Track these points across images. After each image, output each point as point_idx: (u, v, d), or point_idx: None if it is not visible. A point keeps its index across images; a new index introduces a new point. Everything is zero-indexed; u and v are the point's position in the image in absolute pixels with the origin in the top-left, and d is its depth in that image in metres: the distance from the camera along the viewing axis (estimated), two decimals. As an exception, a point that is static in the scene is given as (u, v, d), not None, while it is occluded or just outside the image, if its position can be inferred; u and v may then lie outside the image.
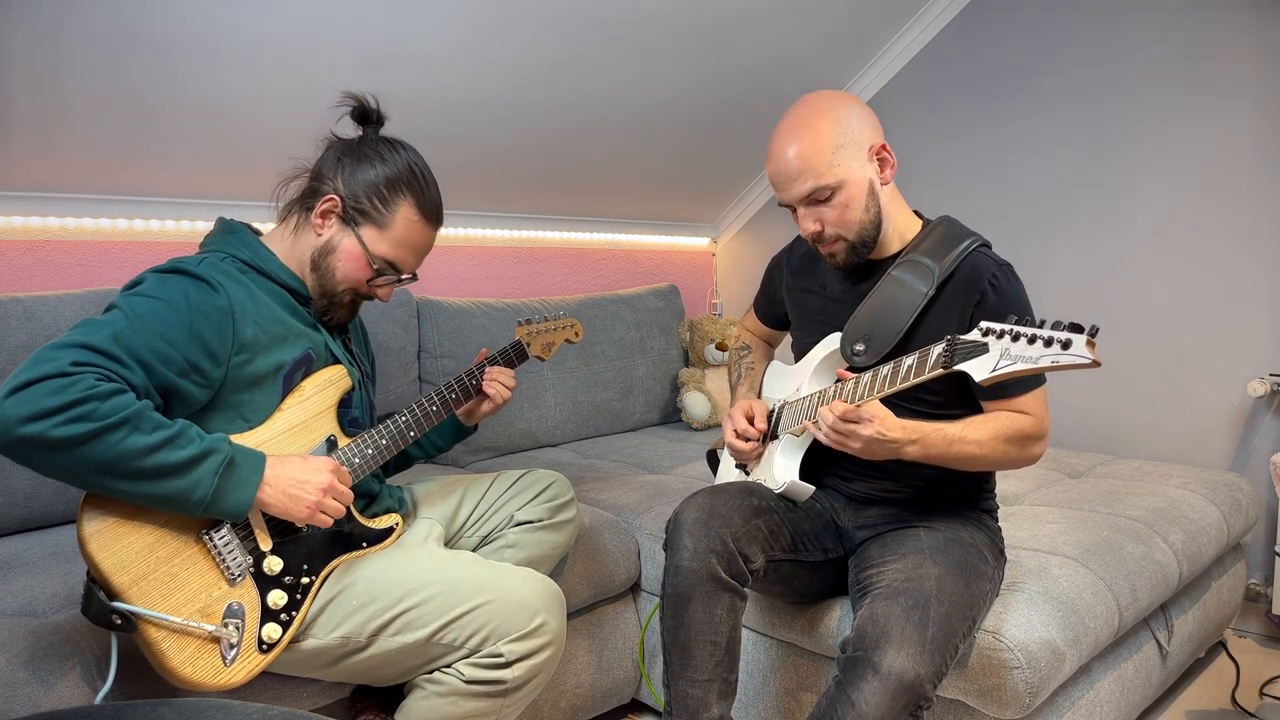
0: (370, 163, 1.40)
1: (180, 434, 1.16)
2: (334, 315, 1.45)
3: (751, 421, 1.61)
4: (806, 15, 2.62)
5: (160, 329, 1.20)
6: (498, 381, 1.63)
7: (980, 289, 1.41)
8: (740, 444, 1.60)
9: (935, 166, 2.94)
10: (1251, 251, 2.35)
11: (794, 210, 1.49)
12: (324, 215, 1.39)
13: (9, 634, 1.26)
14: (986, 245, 1.48)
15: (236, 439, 1.26)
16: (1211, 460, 2.45)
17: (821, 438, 1.41)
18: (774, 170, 1.46)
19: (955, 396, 1.46)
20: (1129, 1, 2.50)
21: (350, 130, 1.47)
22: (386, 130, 1.48)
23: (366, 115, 1.45)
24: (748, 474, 1.65)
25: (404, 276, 1.46)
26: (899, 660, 1.21)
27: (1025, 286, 1.47)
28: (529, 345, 1.75)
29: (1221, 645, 2.28)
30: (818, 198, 1.43)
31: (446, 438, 1.71)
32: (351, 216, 1.39)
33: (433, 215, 1.45)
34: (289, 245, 1.42)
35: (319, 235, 1.40)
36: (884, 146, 1.45)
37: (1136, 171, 2.53)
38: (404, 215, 1.41)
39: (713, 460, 1.86)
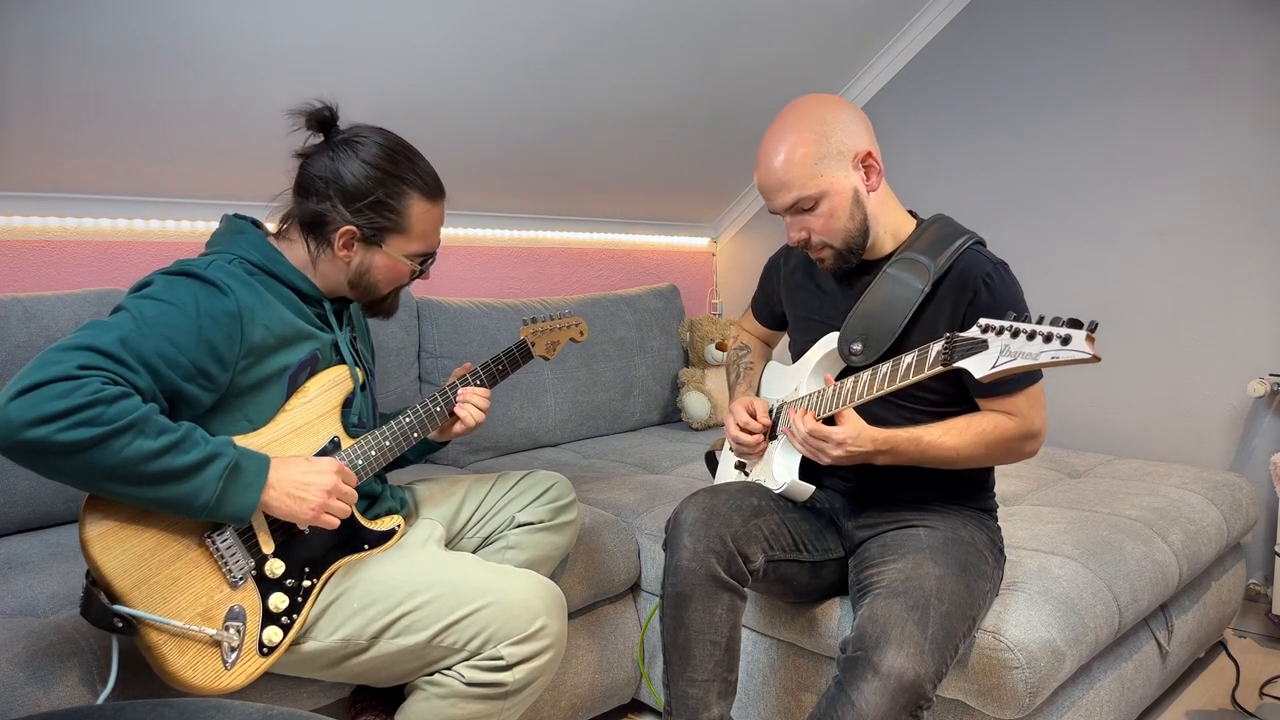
0: (355, 174, 1.35)
1: (185, 438, 1.16)
2: (387, 311, 1.50)
3: (754, 416, 1.61)
4: (805, 16, 2.62)
5: (168, 333, 1.19)
6: (470, 404, 1.58)
7: (974, 288, 1.41)
8: (745, 437, 1.60)
9: (934, 168, 2.94)
10: (1251, 251, 2.35)
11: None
12: (346, 246, 1.38)
13: (9, 634, 1.26)
14: (981, 243, 1.49)
15: (240, 440, 1.25)
16: (1211, 460, 2.45)
17: (798, 445, 1.43)
18: (759, 179, 1.47)
19: (953, 394, 1.46)
20: (1128, 2, 2.50)
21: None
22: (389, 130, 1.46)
23: (324, 121, 1.40)
24: (747, 474, 1.66)
25: (437, 252, 1.49)
26: (899, 660, 1.21)
27: (1023, 286, 1.46)
28: (533, 345, 1.75)
29: (1221, 645, 2.28)
30: (802, 207, 1.44)
31: (416, 450, 1.66)
32: (371, 236, 1.38)
33: (437, 191, 1.44)
34: (313, 270, 1.41)
35: (349, 264, 1.40)
36: (870, 154, 1.44)
37: (1136, 172, 2.53)
38: (416, 211, 1.40)
39: (711, 462, 1.86)
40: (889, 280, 1.47)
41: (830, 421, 1.40)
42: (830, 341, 1.54)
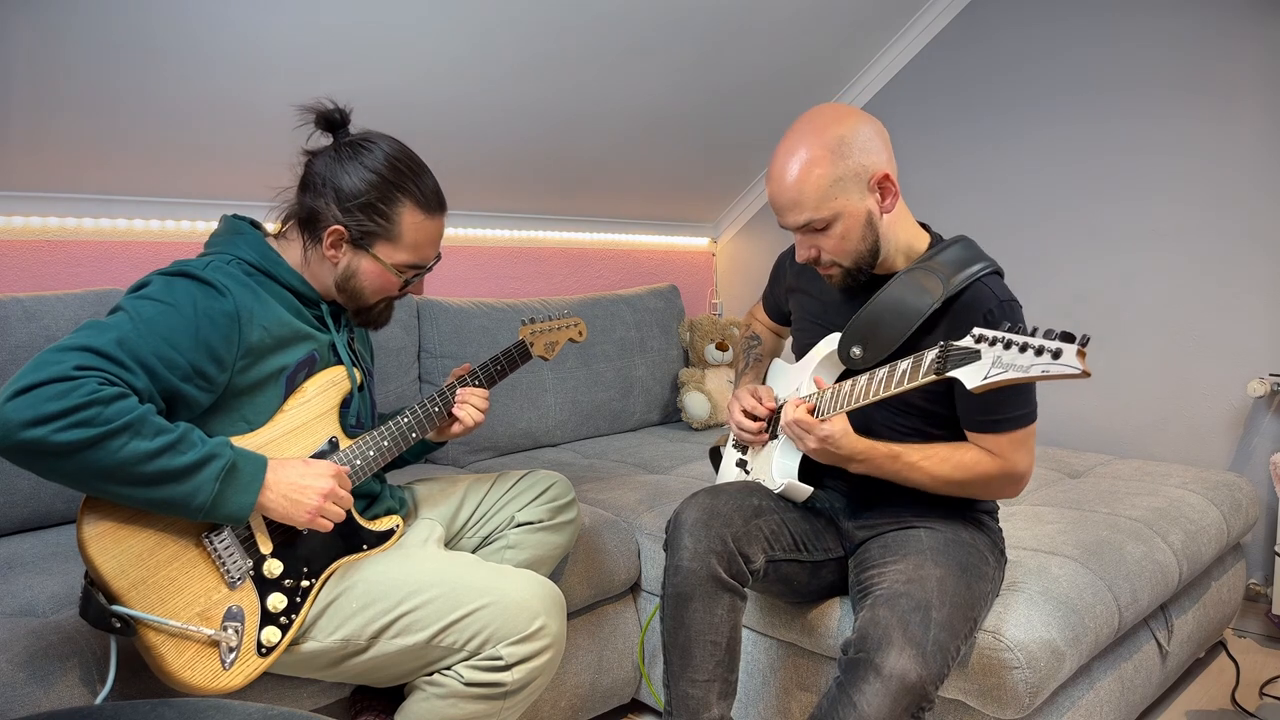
0: (353, 177, 1.35)
1: (182, 439, 1.16)
2: (375, 322, 1.47)
3: (760, 402, 1.60)
4: (805, 16, 2.62)
5: (166, 334, 1.19)
6: (468, 405, 1.58)
7: (975, 322, 1.39)
8: (747, 423, 1.60)
9: (933, 169, 2.93)
10: (1251, 252, 2.35)
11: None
12: (334, 245, 1.37)
13: (9, 634, 1.26)
14: (998, 273, 1.46)
15: (238, 441, 1.25)
16: (1211, 460, 2.45)
17: (784, 428, 1.45)
18: (771, 193, 1.45)
19: (948, 415, 1.46)
20: (1129, 4, 2.50)
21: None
22: (388, 132, 1.46)
23: (332, 121, 1.39)
24: (748, 473, 1.66)
25: (430, 266, 1.46)
26: (901, 662, 1.21)
27: (1023, 286, 1.45)
28: (532, 345, 1.75)
29: (1221, 645, 2.28)
30: (814, 227, 1.42)
31: (414, 451, 1.66)
32: (360, 239, 1.37)
33: (435, 205, 1.41)
34: (307, 269, 1.40)
35: (335, 264, 1.39)
36: (887, 176, 1.41)
37: (1137, 171, 2.53)
38: (409, 220, 1.38)
39: (715, 457, 1.86)
40: (900, 286, 1.45)
41: None
42: (832, 342, 1.53)
